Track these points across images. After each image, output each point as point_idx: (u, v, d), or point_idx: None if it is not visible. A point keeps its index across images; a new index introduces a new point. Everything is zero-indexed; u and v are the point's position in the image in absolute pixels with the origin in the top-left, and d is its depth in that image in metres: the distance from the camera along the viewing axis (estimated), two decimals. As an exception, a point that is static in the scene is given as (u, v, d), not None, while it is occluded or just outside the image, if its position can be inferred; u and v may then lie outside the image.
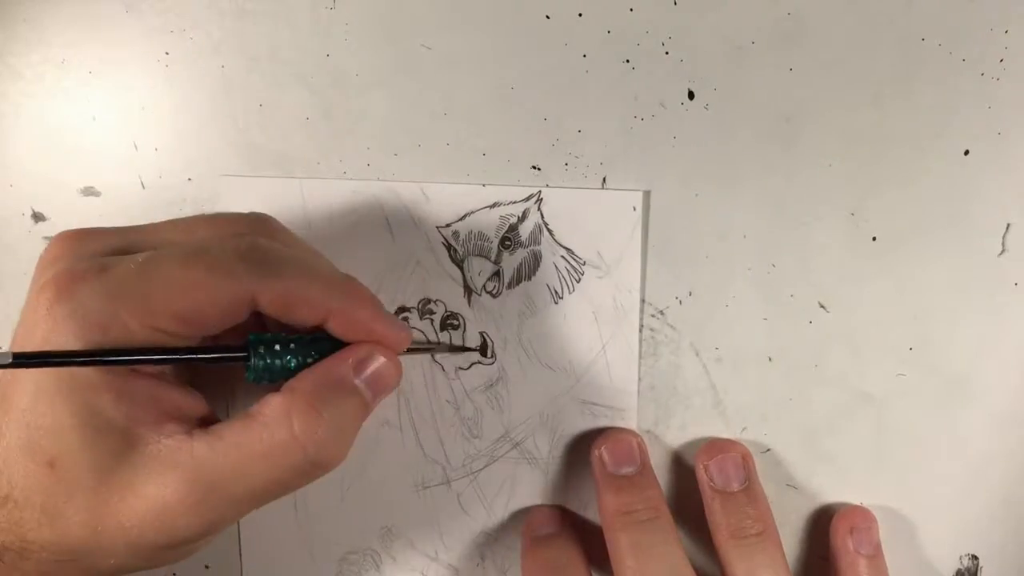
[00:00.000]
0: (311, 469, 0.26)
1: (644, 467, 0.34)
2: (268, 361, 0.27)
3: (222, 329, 0.27)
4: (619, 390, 0.35)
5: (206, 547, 0.28)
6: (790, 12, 0.32)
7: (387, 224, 0.34)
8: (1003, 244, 0.33)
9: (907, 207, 0.33)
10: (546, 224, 0.34)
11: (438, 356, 0.35)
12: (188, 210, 0.36)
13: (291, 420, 0.26)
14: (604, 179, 0.34)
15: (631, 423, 0.35)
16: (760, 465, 0.35)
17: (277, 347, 0.27)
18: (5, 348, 0.38)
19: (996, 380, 0.34)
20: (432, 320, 0.35)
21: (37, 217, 0.36)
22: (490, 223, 0.34)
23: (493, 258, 0.35)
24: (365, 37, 0.34)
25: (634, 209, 0.34)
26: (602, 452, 0.34)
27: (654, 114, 0.33)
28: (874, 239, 0.33)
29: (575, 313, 0.35)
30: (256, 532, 0.37)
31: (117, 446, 0.25)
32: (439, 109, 0.34)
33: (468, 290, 0.35)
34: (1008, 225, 0.33)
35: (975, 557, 0.35)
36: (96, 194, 0.35)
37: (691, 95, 0.33)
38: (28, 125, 0.35)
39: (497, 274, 0.35)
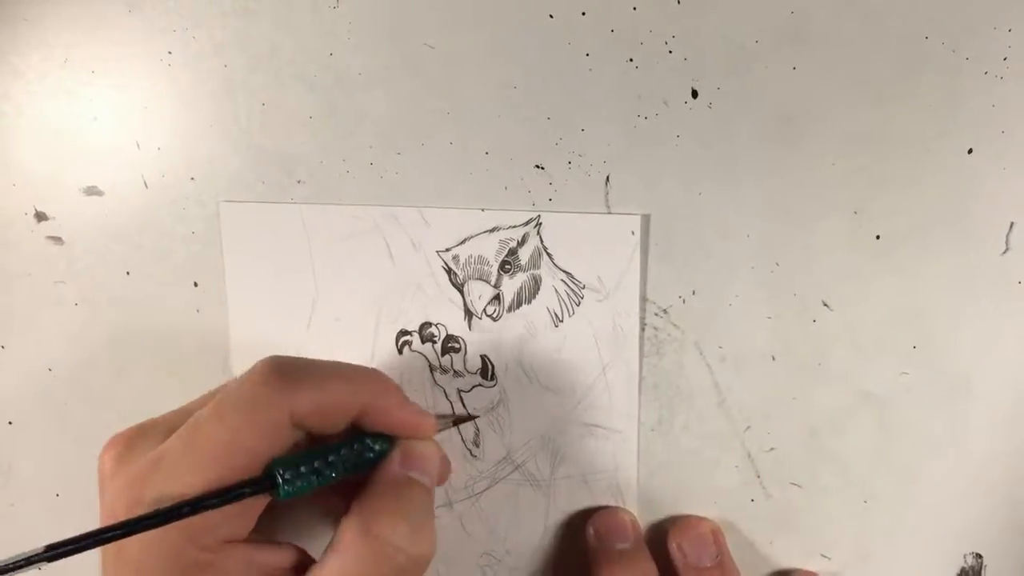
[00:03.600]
0: (412, 568, 0.27)
1: (638, 543, 0.34)
2: (296, 481, 0.27)
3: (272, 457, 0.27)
4: (620, 412, 0.35)
5: None
6: (793, 11, 0.32)
7: (387, 249, 0.35)
8: (1007, 243, 0.33)
9: (910, 206, 0.33)
10: (546, 248, 0.34)
11: (439, 379, 0.35)
12: (191, 209, 0.36)
13: (374, 534, 0.26)
14: (607, 178, 0.34)
15: (631, 444, 0.35)
16: (763, 464, 0.35)
17: (302, 468, 0.27)
18: (5, 345, 0.38)
19: (1000, 378, 0.34)
20: (433, 344, 0.35)
21: (40, 217, 0.36)
22: (490, 247, 0.34)
23: (493, 282, 0.35)
24: (368, 36, 0.33)
25: (633, 233, 0.34)
26: (596, 528, 0.34)
27: (657, 113, 0.33)
28: (878, 238, 0.33)
29: (575, 336, 0.35)
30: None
31: None
32: (442, 108, 0.34)
33: (468, 314, 0.35)
34: (1012, 224, 0.33)
35: (979, 556, 0.35)
36: (99, 193, 0.35)
37: (694, 94, 0.33)
38: (30, 125, 0.35)
39: (497, 298, 0.35)
